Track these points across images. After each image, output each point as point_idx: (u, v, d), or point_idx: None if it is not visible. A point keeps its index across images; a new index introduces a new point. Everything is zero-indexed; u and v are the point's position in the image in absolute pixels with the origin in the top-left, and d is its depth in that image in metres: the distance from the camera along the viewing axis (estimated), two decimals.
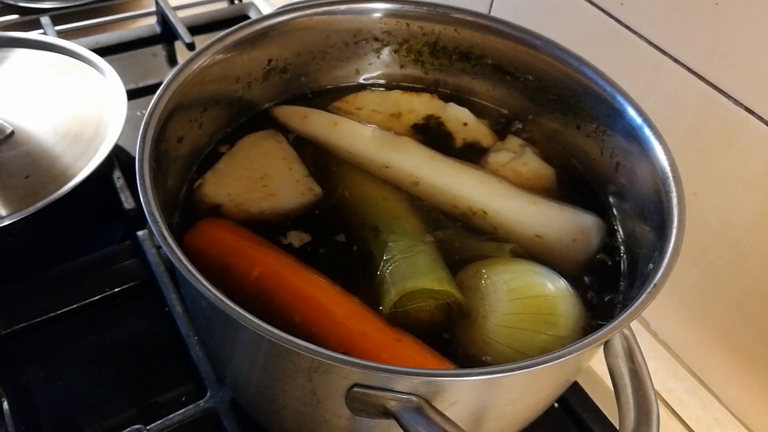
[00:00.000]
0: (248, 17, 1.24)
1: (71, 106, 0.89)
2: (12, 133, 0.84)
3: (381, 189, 0.70)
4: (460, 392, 0.49)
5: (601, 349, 0.54)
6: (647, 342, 0.89)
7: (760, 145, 0.69)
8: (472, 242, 0.66)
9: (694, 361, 0.86)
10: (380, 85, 0.82)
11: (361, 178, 0.72)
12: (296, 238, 0.65)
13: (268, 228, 0.65)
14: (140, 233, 0.85)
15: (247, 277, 0.59)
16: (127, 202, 0.89)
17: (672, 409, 0.82)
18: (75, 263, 0.83)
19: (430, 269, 0.61)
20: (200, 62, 0.65)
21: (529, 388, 0.55)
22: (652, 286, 0.51)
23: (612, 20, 0.80)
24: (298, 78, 0.78)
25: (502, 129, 0.78)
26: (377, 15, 0.76)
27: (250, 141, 0.72)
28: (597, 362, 0.63)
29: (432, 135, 0.76)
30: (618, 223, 0.69)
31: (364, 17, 0.76)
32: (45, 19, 1.18)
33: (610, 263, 0.66)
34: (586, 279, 0.65)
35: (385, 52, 0.79)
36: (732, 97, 0.70)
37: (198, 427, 0.70)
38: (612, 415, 0.75)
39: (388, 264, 0.61)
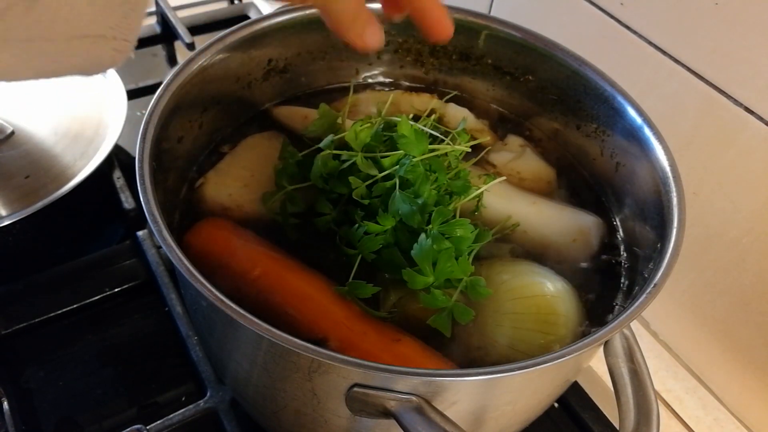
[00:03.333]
0: (248, 17, 1.24)
1: (71, 106, 0.89)
2: (12, 133, 0.85)
3: None
4: (460, 392, 0.49)
5: (601, 349, 0.54)
6: (647, 342, 0.89)
7: (760, 145, 0.69)
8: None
9: (694, 361, 0.86)
10: (380, 85, 0.82)
11: None
12: None
13: (269, 228, 0.65)
14: (140, 233, 0.85)
15: (247, 277, 0.59)
16: (127, 202, 0.89)
17: (672, 409, 0.82)
18: (75, 263, 0.83)
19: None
20: (200, 62, 0.65)
21: (529, 388, 0.55)
22: (652, 286, 0.52)
23: (612, 20, 0.80)
24: (298, 78, 0.78)
25: (502, 129, 0.78)
26: (377, 15, 0.76)
27: (252, 142, 0.72)
28: (597, 362, 0.63)
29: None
30: (618, 223, 0.69)
31: None
32: None
33: (609, 263, 0.66)
34: (585, 279, 0.65)
35: (385, 53, 0.79)
36: (732, 97, 0.70)
37: (198, 427, 0.70)
38: (612, 415, 0.75)
39: None
